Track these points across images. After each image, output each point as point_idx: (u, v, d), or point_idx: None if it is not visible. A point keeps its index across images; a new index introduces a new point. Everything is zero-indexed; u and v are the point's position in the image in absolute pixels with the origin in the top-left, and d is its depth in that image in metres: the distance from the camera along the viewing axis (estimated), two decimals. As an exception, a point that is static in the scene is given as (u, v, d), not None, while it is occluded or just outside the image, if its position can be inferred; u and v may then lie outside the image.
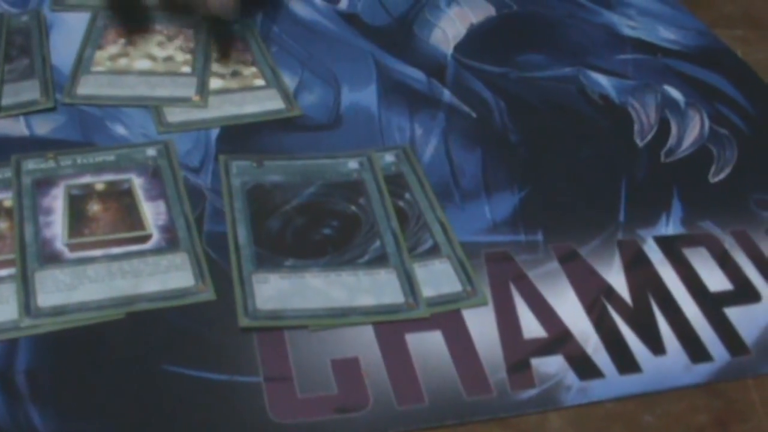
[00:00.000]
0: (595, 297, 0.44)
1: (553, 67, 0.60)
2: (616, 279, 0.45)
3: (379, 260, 0.44)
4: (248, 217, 0.46)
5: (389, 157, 0.50)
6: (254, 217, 0.46)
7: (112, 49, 0.58)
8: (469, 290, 0.43)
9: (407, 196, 0.48)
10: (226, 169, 0.48)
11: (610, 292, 0.44)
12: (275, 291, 0.42)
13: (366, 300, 0.42)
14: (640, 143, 0.54)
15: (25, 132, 0.51)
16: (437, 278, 0.43)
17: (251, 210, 0.46)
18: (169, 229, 0.44)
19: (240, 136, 0.51)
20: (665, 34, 0.65)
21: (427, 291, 0.43)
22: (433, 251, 0.45)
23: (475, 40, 0.62)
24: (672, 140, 0.55)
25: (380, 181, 0.48)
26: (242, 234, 0.45)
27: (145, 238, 0.43)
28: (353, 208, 0.47)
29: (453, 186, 0.49)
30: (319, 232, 0.46)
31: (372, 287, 0.43)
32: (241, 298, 0.41)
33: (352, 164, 0.50)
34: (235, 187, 0.47)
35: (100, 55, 0.57)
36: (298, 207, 0.47)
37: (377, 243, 0.45)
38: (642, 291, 0.45)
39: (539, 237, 0.47)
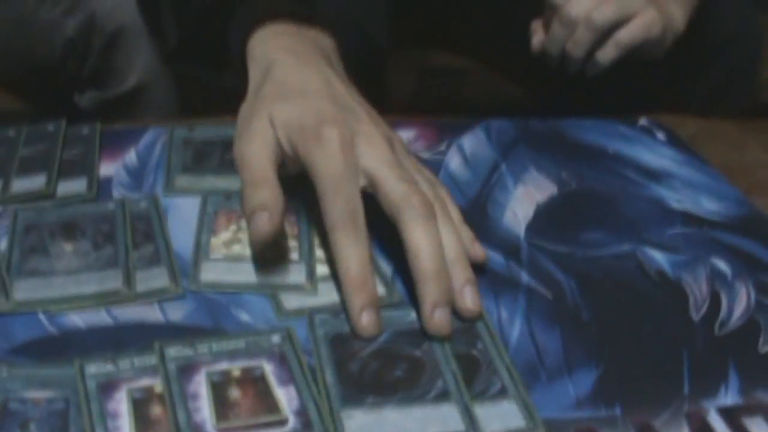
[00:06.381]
0: (671, 467, 0.51)
1: (612, 244, 0.67)
2: (688, 451, 0.52)
3: (443, 396, 0.52)
4: (333, 362, 0.54)
5: None
6: (337, 361, 0.54)
7: (225, 235, 0.65)
8: (532, 426, 0.50)
9: (479, 345, 0.56)
10: (311, 322, 0.57)
11: (683, 463, 0.51)
12: (361, 425, 0.50)
13: (434, 430, 0.50)
14: (695, 317, 0.61)
15: (161, 318, 0.58)
16: (503, 415, 0.51)
17: (334, 356, 0.54)
18: (302, 413, 0.51)
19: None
20: (708, 206, 0.73)
21: (494, 425, 0.51)
22: (501, 393, 0.52)
23: (543, 220, 0.69)
24: (723, 313, 0.62)
25: None
26: (329, 376, 0.53)
27: (283, 422, 0.50)
28: (418, 352, 0.55)
29: (539, 366, 0.56)
30: (392, 374, 0.53)
31: (438, 419, 0.50)
32: None
33: (414, 315, 0.58)
34: (320, 336, 0.56)
35: (215, 241, 0.64)
36: (372, 352, 0.55)
37: (440, 382, 0.53)
38: (710, 461, 0.51)
39: (617, 411, 0.54)
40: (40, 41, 1.07)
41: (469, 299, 0.58)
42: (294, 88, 0.65)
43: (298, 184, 0.62)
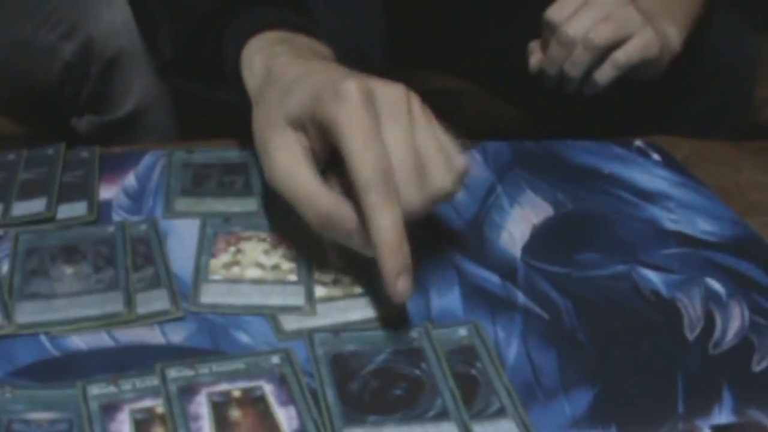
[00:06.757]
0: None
1: (607, 265, 0.68)
2: (682, 470, 0.52)
3: (442, 415, 0.53)
4: (333, 381, 0.54)
5: (462, 331, 0.59)
6: (338, 380, 0.54)
7: (224, 257, 0.66)
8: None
9: (478, 364, 0.57)
10: (311, 341, 0.57)
11: (677, 483, 0.52)
12: None
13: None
14: (690, 337, 0.62)
15: (162, 340, 0.58)
16: None
17: (335, 375, 0.55)
18: (301, 433, 0.52)
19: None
20: (703, 226, 0.74)
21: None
22: (500, 412, 0.53)
23: (539, 241, 0.70)
24: (717, 332, 0.63)
25: (436, 348, 0.57)
26: (330, 395, 0.53)
27: (283, 443, 0.51)
28: (417, 371, 0.56)
29: (536, 386, 0.57)
30: (392, 392, 0.54)
31: None
32: None
33: (413, 334, 0.59)
34: (320, 356, 0.56)
35: (215, 263, 0.65)
36: (372, 371, 0.55)
37: (439, 400, 0.54)
38: (705, 482, 0.52)
39: (613, 430, 0.54)
40: (37, 65, 1.07)
41: None
42: (296, 78, 0.62)
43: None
